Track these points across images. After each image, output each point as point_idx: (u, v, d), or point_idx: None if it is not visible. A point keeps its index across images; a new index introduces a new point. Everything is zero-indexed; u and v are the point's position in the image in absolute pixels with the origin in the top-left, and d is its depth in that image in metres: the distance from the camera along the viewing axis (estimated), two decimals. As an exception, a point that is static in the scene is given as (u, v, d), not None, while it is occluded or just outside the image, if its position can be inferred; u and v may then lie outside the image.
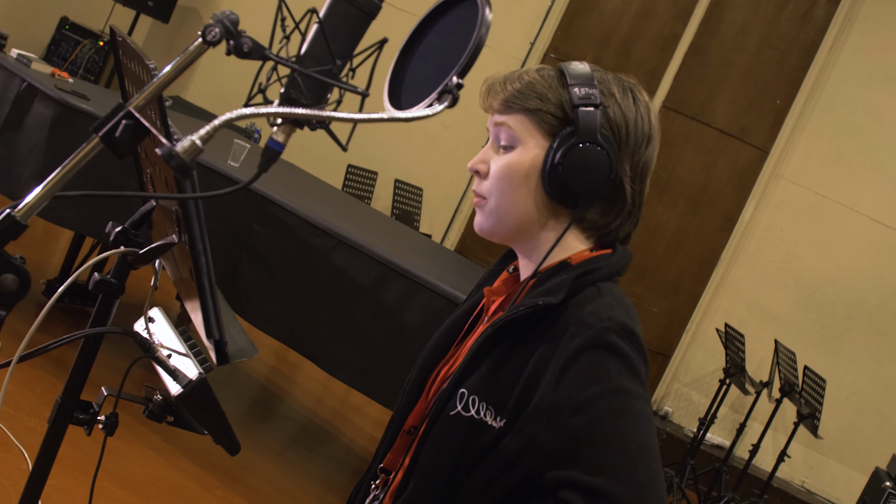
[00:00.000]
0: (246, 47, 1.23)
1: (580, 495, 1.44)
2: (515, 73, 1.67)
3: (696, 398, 7.72)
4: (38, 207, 1.21)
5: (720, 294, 7.74)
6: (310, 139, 6.86)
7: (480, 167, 1.70)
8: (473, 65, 1.28)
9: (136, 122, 1.16)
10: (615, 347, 1.53)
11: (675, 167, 7.92)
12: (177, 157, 1.10)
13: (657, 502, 1.44)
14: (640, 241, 7.94)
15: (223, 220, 4.47)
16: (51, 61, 8.23)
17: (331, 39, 1.26)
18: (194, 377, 1.56)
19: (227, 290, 4.51)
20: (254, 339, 5.94)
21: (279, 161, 4.96)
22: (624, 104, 1.65)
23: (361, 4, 1.27)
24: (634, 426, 1.48)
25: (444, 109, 1.25)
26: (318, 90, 1.27)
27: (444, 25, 1.43)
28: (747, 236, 7.71)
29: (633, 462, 1.45)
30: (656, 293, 7.92)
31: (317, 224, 4.35)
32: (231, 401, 5.55)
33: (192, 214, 1.43)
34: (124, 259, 1.59)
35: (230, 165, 4.72)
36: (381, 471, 1.83)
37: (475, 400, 1.61)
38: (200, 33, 1.21)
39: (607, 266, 1.66)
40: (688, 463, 6.74)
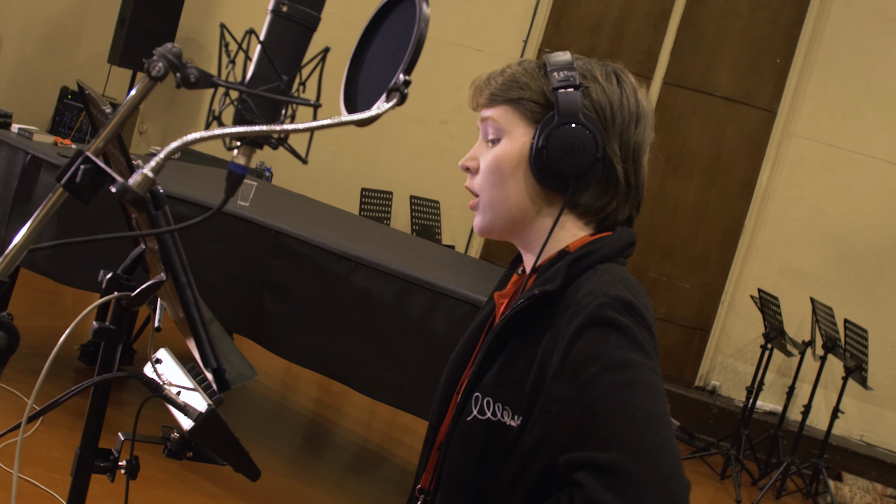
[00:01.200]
0: (192, 77, 1.24)
1: (590, 473, 1.42)
2: (499, 69, 1.69)
3: (741, 368, 7.68)
4: (15, 263, 1.23)
5: (749, 261, 7.70)
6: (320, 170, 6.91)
7: (471, 164, 1.71)
8: (418, 60, 1.30)
9: (94, 165, 1.18)
10: (612, 322, 1.51)
11: (685, 141, 7.90)
12: (130, 191, 1.12)
13: (668, 468, 1.41)
14: (661, 220, 7.92)
15: (240, 260, 4.50)
16: (57, 132, 8.33)
17: (274, 57, 1.28)
18: (203, 410, 1.58)
19: (254, 329, 4.54)
20: (294, 373, 5.96)
21: (291, 194, 4.98)
22: (607, 86, 1.65)
23: (300, 19, 1.29)
24: (639, 396, 1.46)
25: (392, 107, 1.27)
26: (271, 108, 1.29)
27: (389, 28, 1.44)
28: (768, 199, 7.68)
29: (639, 432, 1.43)
30: (686, 269, 7.89)
31: (333, 250, 4.37)
32: (281, 438, 5.58)
33: (170, 249, 1.45)
34: (119, 304, 1.61)
35: (240, 206, 4.75)
36: (420, 492, 1.82)
37: (489, 402, 1.61)
38: (145, 69, 1.23)
39: (604, 247, 1.65)
40: (742, 433, 6.70)
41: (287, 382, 6.61)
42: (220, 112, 1.29)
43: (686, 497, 1.41)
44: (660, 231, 7.93)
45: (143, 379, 1.63)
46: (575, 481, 1.45)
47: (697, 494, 6.45)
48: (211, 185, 5.29)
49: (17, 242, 1.23)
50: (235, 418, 5.61)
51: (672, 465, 1.41)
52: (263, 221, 4.52)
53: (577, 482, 1.44)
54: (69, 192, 1.20)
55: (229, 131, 1.20)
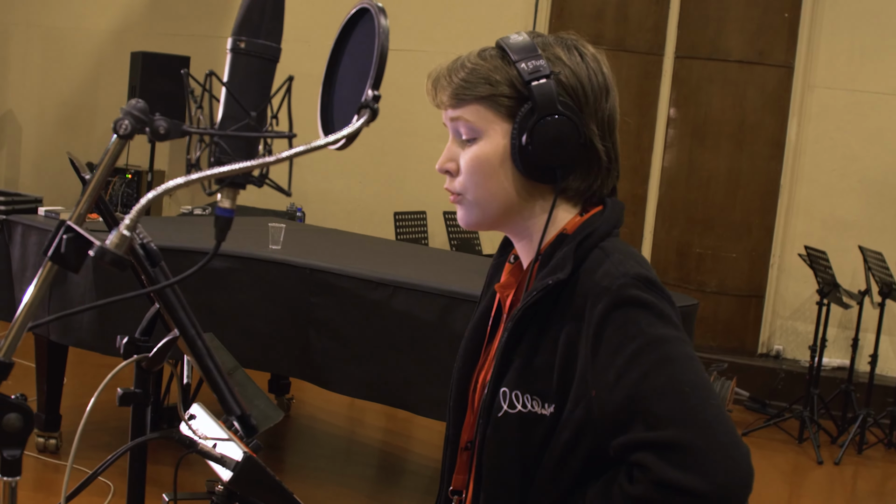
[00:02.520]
0: (162, 129, 1.24)
1: (652, 453, 1.43)
2: (458, 63, 1.65)
3: (801, 328, 7.58)
4: (17, 343, 1.23)
5: (792, 219, 7.61)
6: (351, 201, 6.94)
7: (450, 166, 1.69)
8: (384, 73, 1.29)
9: (75, 233, 1.18)
10: (638, 300, 1.52)
11: (707, 112, 7.84)
12: (108, 252, 1.11)
13: (727, 436, 1.43)
14: (696, 194, 7.86)
15: (281, 303, 4.51)
16: (88, 208, 8.39)
17: (240, 94, 1.27)
18: (240, 458, 1.57)
19: (306, 369, 4.54)
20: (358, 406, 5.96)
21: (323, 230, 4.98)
22: (573, 64, 1.63)
23: (260, 53, 1.28)
24: (682, 370, 1.48)
25: (364, 124, 1.25)
26: (245, 147, 1.28)
27: (354, 46, 1.43)
28: (799, 155, 7.59)
29: (692, 404, 1.44)
30: (729, 239, 7.82)
31: (369, 278, 4.37)
32: (355, 473, 5.58)
33: (173, 304, 1.44)
34: (139, 367, 1.61)
35: (272, 249, 4.76)
36: (453, 493, 1.82)
37: (518, 395, 1.60)
38: (113, 129, 1.23)
39: (603, 223, 1.65)
40: (813, 394, 6.62)
41: (352, 417, 6.61)
42: (198, 158, 1.28)
43: (749, 460, 1.43)
44: (697, 205, 7.87)
45: (176, 437, 1.62)
46: (636, 463, 1.45)
47: (778, 461, 6.38)
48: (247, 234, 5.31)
49: (15, 321, 1.22)
50: (305, 460, 5.62)
51: (730, 432, 1.43)
52: (297, 261, 4.53)
53: (638, 463, 1.45)
54: (57, 264, 1.20)
55: (204, 174, 1.19)
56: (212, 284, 4.50)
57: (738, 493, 1.41)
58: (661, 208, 7.92)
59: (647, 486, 1.43)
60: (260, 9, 1.28)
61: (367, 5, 1.34)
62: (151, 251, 1.48)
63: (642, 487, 1.44)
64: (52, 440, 4.94)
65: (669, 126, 7.92)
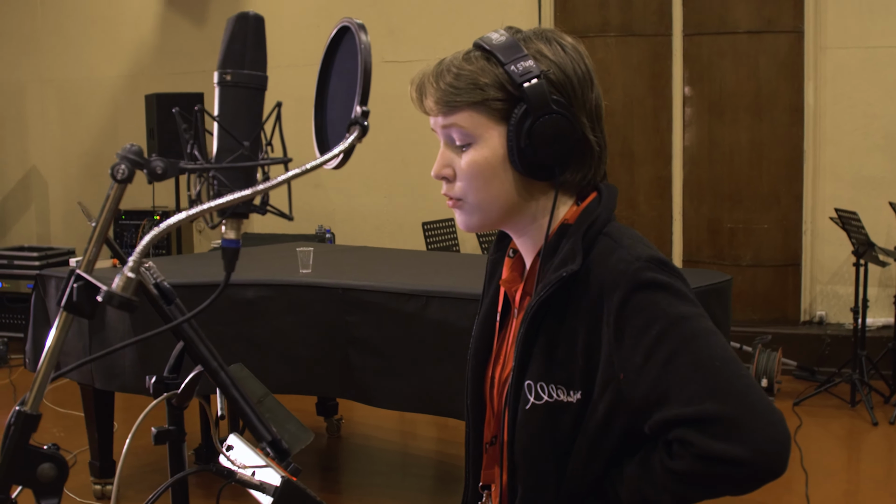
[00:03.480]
0: (159, 169, 1.26)
1: (692, 428, 1.48)
2: (441, 67, 1.66)
3: (842, 291, 7.53)
4: (42, 395, 1.25)
5: (819, 184, 7.55)
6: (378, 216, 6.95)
7: (446, 172, 1.70)
8: (370, 88, 1.30)
9: (85, 281, 1.20)
10: (655, 282, 1.55)
11: (722, 86, 7.80)
12: (116, 296, 1.13)
13: (762, 403, 1.47)
14: (720, 169, 7.82)
15: (317, 325, 4.52)
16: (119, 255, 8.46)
17: (232, 126, 1.29)
18: (278, 483, 1.58)
19: (350, 388, 4.55)
20: (408, 418, 5.97)
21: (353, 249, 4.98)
22: (557, 59, 1.64)
23: (246, 83, 1.30)
24: (708, 344, 1.51)
25: (354, 140, 1.27)
26: (243, 177, 1.30)
27: (340, 65, 1.45)
28: (820, 118, 7.53)
29: (724, 377, 1.48)
30: (759, 211, 7.77)
31: (401, 291, 4.37)
32: (412, 487, 5.60)
33: (191, 338, 1.46)
34: (170, 404, 1.63)
35: (304, 273, 4.78)
36: (483, 489, 1.85)
37: (543, 386, 1.63)
38: (111, 174, 1.25)
39: (603, 209, 1.67)
40: (860, 355, 6.56)
41: (403, 430, 6.62)
42: (198, 193, 1.30)
43: (785, 423, 1.48)
44: (723, 180, 7.83)
45: (214, 469, 1.64)
46: (676, 439, 1.50)
47: (833, 427, 6.34)
48: (277, 262, 5.35)
49: (38, 373, 1.25)
50: (361, 478, 5.64)
51: (764, 399, 1.48)
52: (329, 283, 4.54)
53: (679, 439, 1.49)
54: (71, 313, 1.22)
55: (203, 207, 1.21)
56: (248, 315, 4.53)
57: (779, 456, 1.46)
58: (688, 187, 7.89)
59: (691, 459, 1.48)
60: (242, 40, 1.29)
61: (346, 23, 1.36)
62: (165, 290, 1.50)
63: (686, 462, 1.49)
64: (109, 486, 4.98)
65: (686, 105, 7.90)
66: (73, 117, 9.74)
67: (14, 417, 1.25)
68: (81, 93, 9.66)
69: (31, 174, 9.97)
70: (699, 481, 1.51)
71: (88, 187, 9.38)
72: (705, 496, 1.55)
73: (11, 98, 10.00)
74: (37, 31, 9.84)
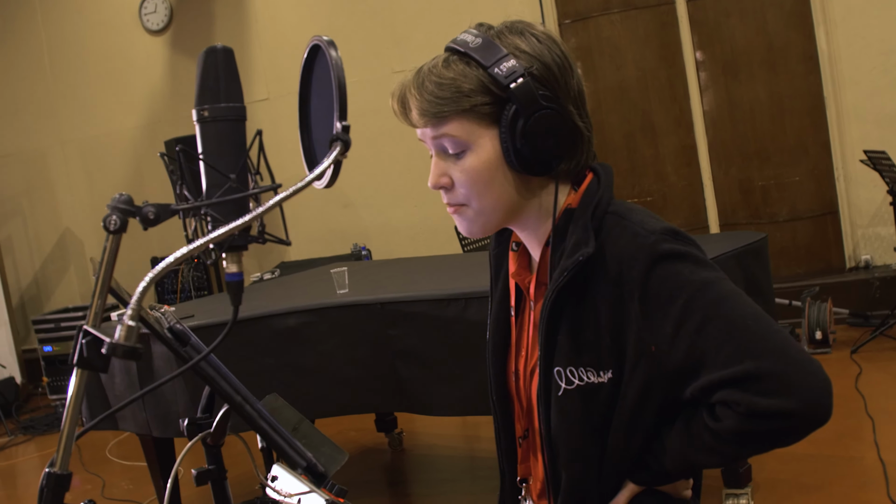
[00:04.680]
0: (151, 215, 1.26)
1: (734, 388, 1.51)
2: (421, 77, 1.65)
3: (883, 232, 7.43)
4: (69, 454, 1.26)
5: (844, 128, 7.46)
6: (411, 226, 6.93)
7: (444, 181, 1.71)
8: (346, 104, 1.30)
9: (92, 336, 1.20)
10: (673, 252, 1.57)
11: (732, 46, 7.73)
12: (119, 346, 1.14)
13: (800, 354, 1.50)
14: (743, 128, 7.75)
15: (361, 344, 4.52)
16: (164, 300, 8.54)
17: (218, 160, 1.29)
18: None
19: (404, 401, 4.55)
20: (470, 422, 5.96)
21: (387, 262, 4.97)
22: (535, 51, 1.64)
23: (225, 116, 1.30)
24: (737, 305, 1.54)
25: (338, 156, 1.26)
26: (236, 209, 1.30)
27: (316, 84, 1.45)
28: (836, 63, 7.44)
29: (759, 334, 1.51)
30: (788, 165, 7.69)
31: (439, 297, 4.37)
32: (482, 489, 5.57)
33: (211, 377, 1.47)
34: (206, 444, 1.64)
35: (341, 294, 4.79)
36: (522, 482, 1.86)
37: (572, 371, 1.64)
38: (104, 226, 1.25)
39: (604, 189, 1.69)
40: (911, 293, 6.50)
41: (466, 434, 6.62)
42: (194, 232, 1.30)
43: (823, 371, 1.51)
44: (748, 140, 7.76)
45: (260, 501, 1.64)
46: (720, 401, 1.53)
47: (893, 370, 6.26)
48: (315, 286, 5.36)
49: (62, 432, 1.25)
50: (430, 488, 5.65)
51: (801, 351, 1.51)
52: (366, 300, 4.54)
53: (723, 401, 1.53)
54: (84, 369, 1.23)
55: (197, 244, 1.22)
56: (291, 343, 4.54)
57: (823, 403, 1.49)
58: (714, 152, 7.82)
59: (739, 419, 1.51)
60: (214, 74, 1.30)
61: (316, 42, 1.36)
62: (179, 332, 1.51)
63: (733, 422, 1.52)
64: (180, 532, 5.01)
65: (699, 70, 7.84)
66: (98, 174, 9.83)
67: (45, 480, 1.26)
68: (102, 149, 9.75)
69: (65, 236, 10.07)
70: (749, 438, 1.53)
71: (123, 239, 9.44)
72: (755, 452, 1.59)
73: (35, 165, 10.11)
74: (50, 96, 9.95)
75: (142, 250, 8.79)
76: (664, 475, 1.66)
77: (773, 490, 4.48)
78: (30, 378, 9.40)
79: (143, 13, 9.43)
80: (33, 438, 7.71)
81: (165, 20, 9.36)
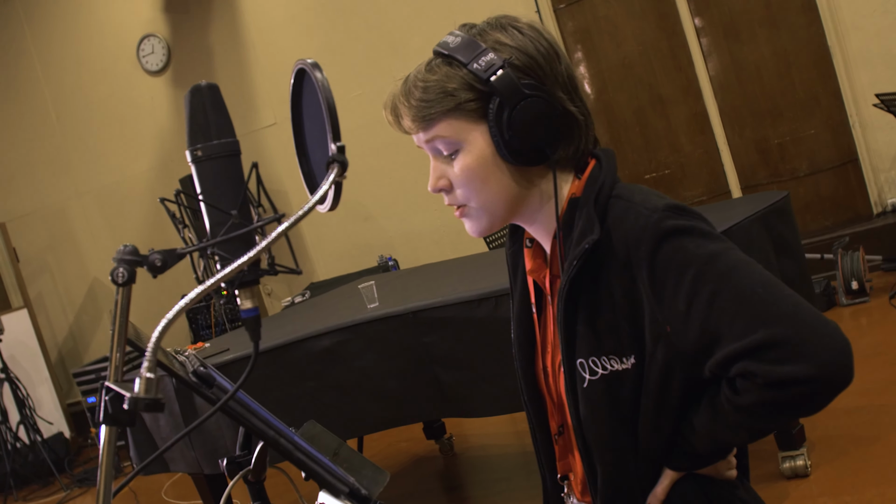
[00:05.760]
0: (158, 262, 1.26)
1: (751, 359, 1.48)
2: (408, 84, 1.66)
3: (905, 173, 7.37)
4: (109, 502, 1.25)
5: (853, 74, 7.38)
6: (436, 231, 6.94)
7: (442, 183, 1.71)
8: (338, 124, 1.29)
9: (114, 392, 1.20)
10: (676, 228, 1.55)
11: (730, 7, 7.66)
12: (140, 400, 1.13)
13: (814, 317, 1.47)
14: (752, 88, 7.70)
15: (397, 355, 4.52)
16: (199, 336, 8.57)
17: (218, 198, 1.28)
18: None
19: (448, 406, 4.55)
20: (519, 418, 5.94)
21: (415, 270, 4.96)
22: (516, 43, 1.64)
23: (218, 153, 1.29)
24: (746, 274, 1.51)
25: (336, 178, 1.25)
26: (242, 245, 1.30)
27: (307, 108, 1.44)
28: (836, 10, 7.35)
29: (770, 302, 1.48)
30: (801, 119, 7.63)
31: (468, 299, 4.36)
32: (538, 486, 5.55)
33: (240, 414, 1.46)
34: (248, 481, 1.63)
35: (371, 308, 4.78)
36: (562, 479, 1.85)
37: (595, 361, 1.63)
38: (112, 280, 1.24)
39: (606, 174, 1.67)
40: (943, 230, 6.43)
41: (516, 431, 6.59)
42: (203, 273, 1.29)
43: (840, 332, 1.47)
44: (758, 99, 7.70)
45: (308, 531, 1.63)
46: (738, 374, 1.50)
47: (935, 309, 6.21)
48: (344, 303, 5.36)
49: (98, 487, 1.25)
50: (486, 488, 5.64)
51: (815, 314, 1.47)
52: (397, 311, 4.53)
53: (741, 374, 1.50)
54: (112, 426, 1.22)
55: (208, 283, 1.21)
56: (329, 363, 4.54)
57: (844, 364, 1.45)
58: (725, 116, 7.77)
59: (759, 390, 1.49)
60: (202, 113, 1.29)
61: (300, 66, 1.35)
62: (203, 375, 1.50)
63: (754, 394, 1.50)
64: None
65: (700, 36, 7.79)
66: (119, 220, 9.88)
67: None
68: (119, 195, 9.81)
69: (94, 286, 10.13)
70: (771, 409, 1.51)
71: (150, 283, 9.47)
72: (780, 422, 1.57)
73: (56, 220, 10.18)
74: (61, 150, 10.01)
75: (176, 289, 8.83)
76: (698, 457, 1.63)
77: (830, 446, 4.44)
78: (78, 431, 9.45)
79: (140, 55, 9.47)
80: (89, 490, 7.76)
81: (164, 59, 9.40)
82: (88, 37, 9.74)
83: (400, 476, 6.08)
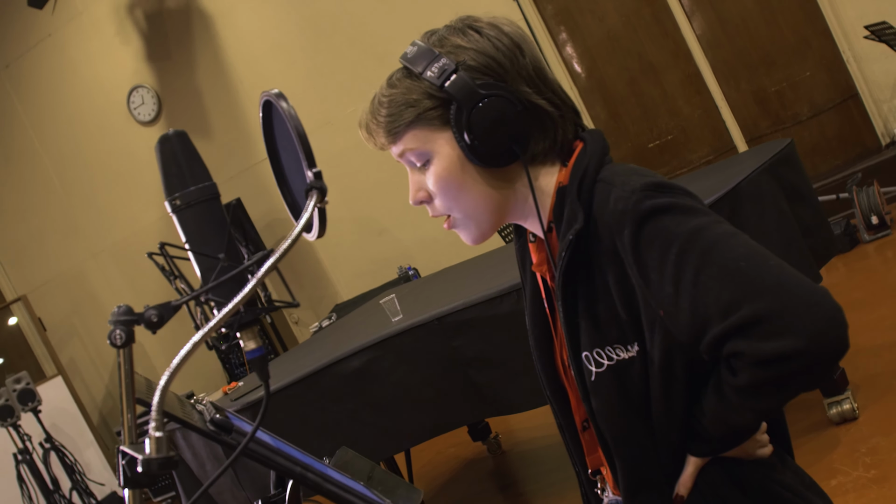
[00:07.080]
0: (155, 317, 1.24)
1: (739, 338, 1.43)
2: (375, 102, 1.65)
3: (906, 100, 7.31)
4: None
5: (840, 10, 7.32)
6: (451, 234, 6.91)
7: (421, 195, 1.69)
8: (311, 151, 1.27)
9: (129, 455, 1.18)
10: (656, 208, 1.50)
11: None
12: (153, 461, 1.11)
13: (799, 287, 1.40)
14: (740, 41, 7.65)
15: (428, 364, 4.50)
16: (234, 376, 8.58)
17: (204, 244, 1.27)
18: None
19: (485, 406, 4.52)
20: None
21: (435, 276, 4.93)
22: (474, 44, 1.61)
23: (197, 199, 1.28)
24: (728, 248, 1.46)
25: (316, 204, 1.24)
26: (235, 287, 1.28)
27: (280, 138, 1.43)
28: (812, -51, 7.34)
29: (753, 275, 1.42)
30: (795, 63, 7.58)
31: (490, 296, 4.34)
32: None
33: (265, 456, 1.45)
34: (285, 518, 1.62)
35: (396, 321, 4.77)
36: (594, 474, 1.82)
37: (599, 352, 1.60)
38: (110, 343, 1.23)
39: (590, 159, 1.63)
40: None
41: (556, 420, 6.56)
42: (201, 320, 1.28)
43: (830, 298, 1.40)
44: (748, 51, 7.66)
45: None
46: (730, 354, 1.45)
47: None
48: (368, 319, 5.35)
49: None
50: (537, 481, 5.62)
51: (802, 282, 1.41)
52: (421, 319, 4.51)
53: (732, 353, 1.44)
54: (134, 488, 1.21)
55: (204, 331, 1.19)
56: (363, 382, 4.53)
57: (834, 333, 1.39)
58: (718, 72, 7.73)
59: (750, 369, 1.43)
60: (174, 161, 1.28)
61: (265, 97, 1.33)
62: (220, 422, 1.49)
63: (747, 373, 1.44)
64: None
65: (681, -4, 7.77)
66: (136, 273, 9.90)
67: None
68: (133, 249, 9.83)
69: (124, 342, 10.14)
70: (767, 387, 1.45)
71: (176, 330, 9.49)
72: (782, 399, 1.49)
73: (75, 284, 10.22)
74: (69, 213, 10.05)
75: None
76: (717, 442, 1.57)
77: (874, 386, 4.39)
78: (131, 487, 9.46)
79: (132, 108, 9.49)
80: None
81: (155, 109, 9.41)
82: (78, 98, 9.77)
83: (453, 482, 6.07)
